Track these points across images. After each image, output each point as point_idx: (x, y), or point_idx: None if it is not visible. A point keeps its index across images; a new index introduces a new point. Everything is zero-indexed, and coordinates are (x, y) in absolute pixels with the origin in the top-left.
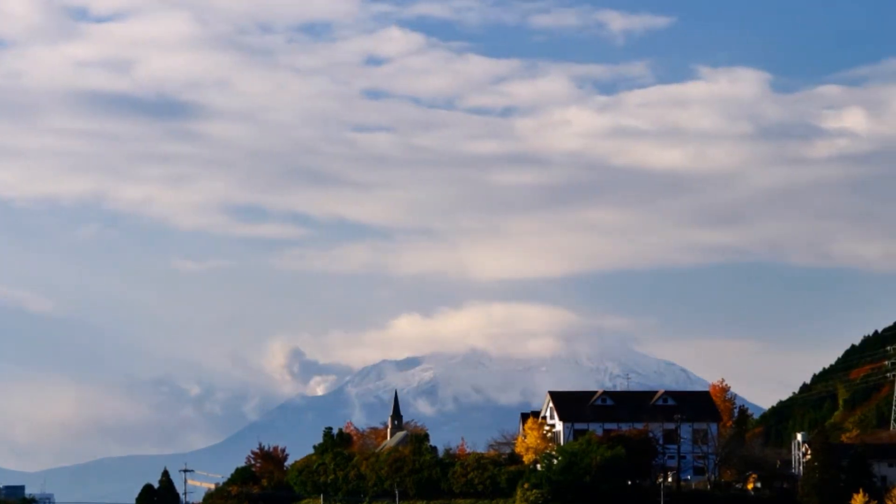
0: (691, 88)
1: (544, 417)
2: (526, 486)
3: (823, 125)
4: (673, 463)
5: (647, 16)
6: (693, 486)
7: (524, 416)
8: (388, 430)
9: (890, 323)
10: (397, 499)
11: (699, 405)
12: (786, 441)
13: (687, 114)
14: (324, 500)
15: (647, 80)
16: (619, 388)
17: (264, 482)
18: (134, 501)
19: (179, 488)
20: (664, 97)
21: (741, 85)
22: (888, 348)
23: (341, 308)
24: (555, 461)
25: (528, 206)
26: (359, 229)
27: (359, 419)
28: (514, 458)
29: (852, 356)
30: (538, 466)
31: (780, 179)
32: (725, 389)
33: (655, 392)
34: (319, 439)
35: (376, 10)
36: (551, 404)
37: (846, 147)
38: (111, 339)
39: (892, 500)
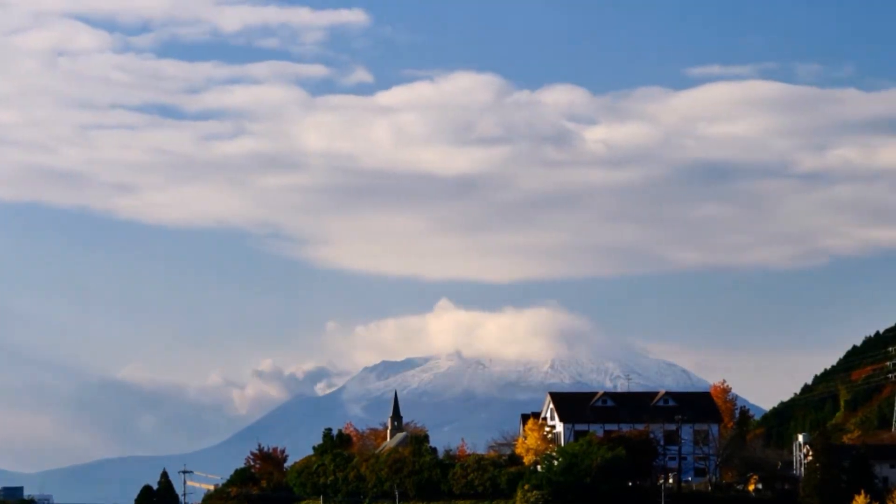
0: (418, 90)
1: (545, 418)
2: (526, 487)
3: (572, 130)
4: (674, 464)
5: (334, 10)
6: (694, 488)
7: (524, 417)
8: (388, 431)
9: (891, 324)
10: (397, 500)
11: (700, 406)
12: (787, 442)
13: (425, 117)
14: (323, 501)
15: (367, 81)
16: (619, 389)
17: (264, 483)
18: (133, 502)
19: (178, 489)
20: (395, 99)
21: (471, 88)
22: (889, 349)
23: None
24: (555, 462)
25: (314, 209)
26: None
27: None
28: (515, 460)
29: (853, 357)
30: (538, 468)
31: (548, 183)
32: (727, 390)
33: (656, 393)
34: (319, 440)
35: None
36: (552, 405)
37: (604, 153)
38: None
39: (893, 502)
